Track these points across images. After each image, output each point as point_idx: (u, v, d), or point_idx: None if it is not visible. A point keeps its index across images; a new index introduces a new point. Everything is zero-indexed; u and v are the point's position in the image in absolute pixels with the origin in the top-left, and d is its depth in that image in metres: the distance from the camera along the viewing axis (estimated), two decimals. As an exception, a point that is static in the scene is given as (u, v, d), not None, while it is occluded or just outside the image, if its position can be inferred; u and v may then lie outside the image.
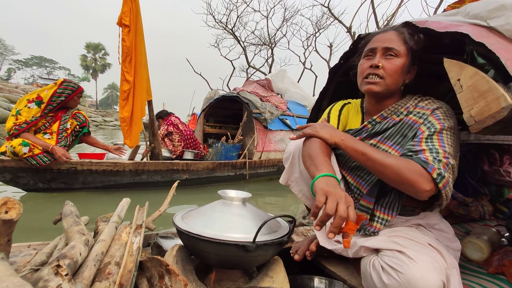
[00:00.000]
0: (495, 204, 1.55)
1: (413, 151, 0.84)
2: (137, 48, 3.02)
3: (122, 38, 2.92)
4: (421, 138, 0.86)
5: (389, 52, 0.93)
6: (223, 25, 12.19)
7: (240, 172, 4.36)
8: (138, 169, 3.22)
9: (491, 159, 1.54)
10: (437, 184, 0.77)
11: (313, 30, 12.38)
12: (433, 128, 0.86)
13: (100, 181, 3.08)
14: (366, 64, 0.96)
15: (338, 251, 0.97)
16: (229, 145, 4.34)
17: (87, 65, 50.84)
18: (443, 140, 0.84)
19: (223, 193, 0.99)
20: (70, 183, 2.95)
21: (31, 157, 2.54)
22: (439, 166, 0.78)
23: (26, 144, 2.51)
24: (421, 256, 0.73)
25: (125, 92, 3.00)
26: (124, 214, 1.19)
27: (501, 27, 0.84)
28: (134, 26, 2.97)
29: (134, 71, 3.02)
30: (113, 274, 0.75)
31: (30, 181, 2.78)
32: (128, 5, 2.91)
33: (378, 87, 0.93)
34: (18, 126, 2.54)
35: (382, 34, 0.97)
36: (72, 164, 2.85)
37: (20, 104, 2.62)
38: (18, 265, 0.87)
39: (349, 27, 9.41)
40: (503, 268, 1.00)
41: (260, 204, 3.56)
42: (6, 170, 2.62)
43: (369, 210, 0.93)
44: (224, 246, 0.81)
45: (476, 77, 0.77)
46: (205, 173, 3.89)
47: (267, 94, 5.37)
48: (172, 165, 3.49)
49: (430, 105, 0.93)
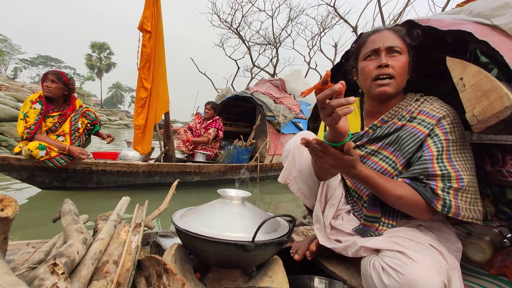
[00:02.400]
0: (497, 205, 1.54)
1: (426, 174, 0.82)
2: (156, 54, 2.96)
3: (143, 44, 2.85)
4: (432, 157, 0.83)
5: (393, 50, 0.91)
6: (228, 24, 12.18)
7: (251, 175, 4.35)
8: (151, 170, 3.23)
9: (494, 160, 1.53)
10: (447, 213, 0.78)
11: (318, 30, 12.37)
12: (440, 144, 0.84)
13: (114, 181, 3.09)
14: (372, 65, 0.92)
15: (337, 250, 0.96)
16: (241, 148, 4.34)
17: (92, 64, 51.34)
18: (452, 159, 0.82)
19: (223, 192, 0.99)
20: (84, 183, 2.97)
21: (48, 160, 2.56)
22: (444, 196, 0.78)
23: (43, 147, 2.52)
24: (422, 257, 0.72)
25: (142, 99, 2.95)
26: (123, 213, 1.18)
27: (505, 25, 0.83)
28: (155, 32, 2.90)
29: (152, 78, 2.95)
30: (111, 272, 0.74)
31: (45, 180, 2.80)
32: (150, 9, 2.82)
33: (390, 87, 0.90)
34: (29, 129, 2.56)
35: (379, 33, 0.94)
36: (87, 164, 2.87)
37: (25, 107, 2.64)
38: (16, 263, 0.87)
39: (355, 26, 9.34)
40: (505, 270, 0.99)
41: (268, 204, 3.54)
42: (23, 168, 2.64)
43: (377, 220, 0.91)
44: (223, 246, 0.80)
45: (479, 76, 0.76)
46: (217, 175, 3.89)
47: (281, 95, 5.35)
48: (185, 167, 3.48)
49: (435, 112, 0.88)
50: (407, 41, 0.93)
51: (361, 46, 0.99)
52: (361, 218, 1.02)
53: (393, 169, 0.93)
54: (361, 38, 1.01)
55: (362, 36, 1.01)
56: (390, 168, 0.93)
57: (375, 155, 0.97)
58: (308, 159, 1.12)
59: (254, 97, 4.86)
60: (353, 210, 1.06)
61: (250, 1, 11.54)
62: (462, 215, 0.78)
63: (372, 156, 0.97)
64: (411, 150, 0.89)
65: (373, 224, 0.92)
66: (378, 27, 1.01)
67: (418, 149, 0.88)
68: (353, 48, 1.04)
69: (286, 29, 12.71)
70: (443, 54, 0.96)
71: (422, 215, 0.82)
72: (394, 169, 0.93)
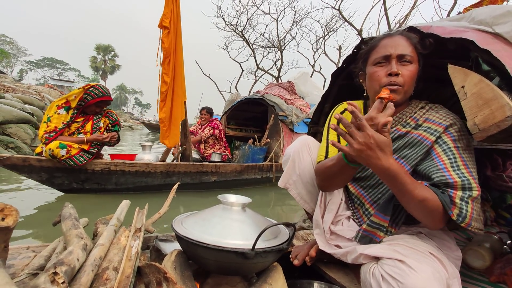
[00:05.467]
0: (497, 210, 1.54)
1: (444, 182, 0.79)
2: (176, 50, 3.04)
3: (162, 40, 2.94)
4: (445, 165, 0.81)
5: (404, 59, 0.89)
6: (233, 27, 12.16)
7: (266, 175, 4.35)
8: (169, 170, 3.24)
9: (494, 165, 1.52)
10: (461, 223, 0.76)
11: (323, 33, 12.34)
12: (451, 152, 0.82)
13: (132, 182, 3.10)
14: (382, 72, 0.90)
15: (337, 256, 0.96)
16: (256, 148, 4.34)
17: (97, 66, 51.89)
18: (468, 165, 0.81)
19: (223, 198, 0.98)
20: (103, 184, 2.98)
21: (68, 158, 2.59)
22: (461, 205, 0.76)
23: (64, 146, 2.56)
24: (422, 266, 0.72)
25: (163, 93, 3.03)
26: (123, 217, 1.18)
27: (507, 33, 0.83)
28: (174, 28, 2.99)
29: (173, 72, 3.03)
30: (111, 279, 0.74)
31: (65, 181, 2.82)
32: (170, 7, 2.93)
33: (398, 95, 0.89)
34: (48, 134, 2.58)
35: (391, 38, 0.92)
36: (106, 165, 2.88)
37: (50, 111, 2.66)
38: (16, 268, 0.87)
39: (360, 29, 9.30)
40: (504, 277, 0.99)
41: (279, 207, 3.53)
42: (43, 170, 2.66)
43: (382, 228, 0.89)
44: (222, 253, 0.80)
45: (481, 84, 0.76)
46: (233, 175, 3.89)
47: (291, 97, 5.37)
48: (202, 167, 3.48)
49: (442, 120, 0.87)
50: (418, 50, 0.91)
51: (372, 49, 0.96)
52: (361, 225, 1.01)
53: None
54: (372, 41, 0.98)
55: (373, 39, 0.99)
56: None
57: None
58: (308, 164, 1.11)
59: (265, 99, 4.88)
60: (353, 216, 1.06)
61: (255, 4, 11.53)
62: (472, 226, 0.76)
63: None
64: (417, 157, 0.88)
65: (376, 232, 0.90)
66: (391, 31, 0.97)
67: (425, 156, 0.87)
68: (363, 51, 1.01)
69: (290, 32, 12.68)
70: (444, 60, 0.96)
71: (435, 223, 0.79)
72: None
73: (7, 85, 10.03)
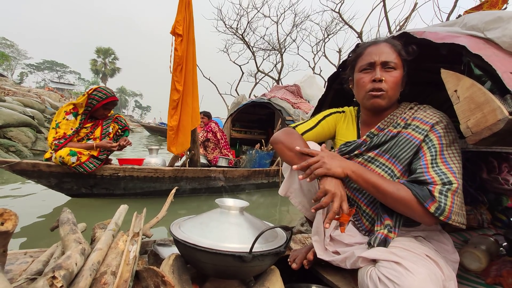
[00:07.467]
0: (493, 212, 1.55)
1: (422, 180, 0.83)
2: (188, 57, 3.04)
3: (174, 47, 2.94)
4: (427, 164, 0.84)
5: (387, 65, 0.93)
6: (233, 30, 12.23)
7: (272, 179, 4.35)
8: (177, 175, 3.24)
9: (490, 167, 1.54)
10: (439, 216, 0.78)
11: (323, 35, 12.43)
12: (434, 148, 0.86)
13: (140, 187, 3.10)
14: (367, 78, 0.96)
15: (336, 263, 0.97)
16: (263, 152, 4.35)
17: (97, 69, 51.69)
18: (447, 161, 0.83)
19: (221, 202, 0.99)
20: (111, 189, 2.97)
21: (79, 165, 2.59)
22: (440, 199, 0.78)
23: (74, 153, 2.56)
24: (418, 268, 0.73)
25: (175, 101, 3.01)
26: (121, 222, 1.18)
27: (498, 38, 0.85)
28: (186, 35, 2.98)
29: (184, 80, 3.03)
30: (109, 284, 0.75)
31: (73, 186, 2.82)
32: (182, 14, 2.91)
33: (382, 99, 0.94)
34: (57, 141, 2.57)
35: (376, 46, 0.97)
36: (115, 170, 2.88)
37: (58, 116, 2.64)
38: (13, 274, 0.87)
39: (360, 32, 9.38)
40: (500, 279, 1.00)
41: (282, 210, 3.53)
42: (52, 175, 2.66)
43: (391, 229, 0.89)
44: (220, 256, 0.81)
45: (473, 88, 0.77)
46: (240, 180, 3.90)
47: (297, 100, 5.41)
48: (210, 172, 3.49)
49: (429, 119, 0.91)
50: (402, 56, 0.95)
51: (358, 57, 1.01)
52: (361, 228, 1.02)
53: (390, 176, 0.94)
54: (359, 49, 1.03)
55: (359, 47, 1.03)
56: (386, 175, 0.94)
57: (372, 162, 0.98)
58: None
59: (272, 102, 4.89)
60: (353, 219, 1.07)
61: (255, 7, 11.62)
62: (452, 219, 0.78)
63: (369, 163, 0.99)
64: (407, 156, 0.91)
65: (389, 235, 0.89)
66: (376, 39, 1.02)
67: (415, 155, 0.90)
68: (350, 58, 1.06)
69: (290, 35, 12.76)
70: (438, 64, 0.98)
71: (423, 218, 0.81)
72: (390, 175, 0.94)
73: (7, 88, 10.01)
